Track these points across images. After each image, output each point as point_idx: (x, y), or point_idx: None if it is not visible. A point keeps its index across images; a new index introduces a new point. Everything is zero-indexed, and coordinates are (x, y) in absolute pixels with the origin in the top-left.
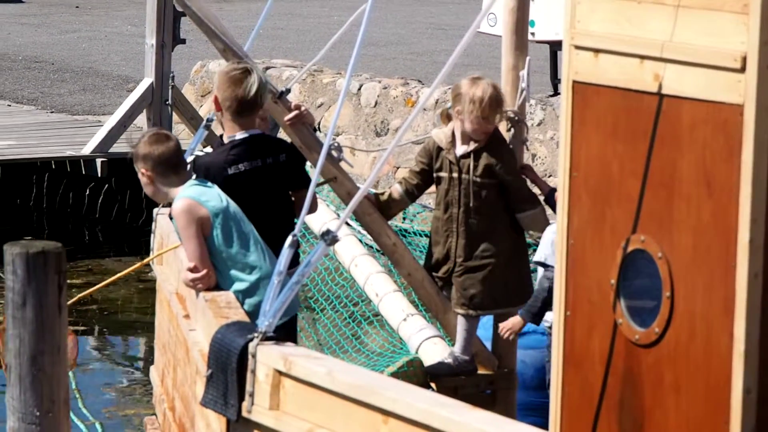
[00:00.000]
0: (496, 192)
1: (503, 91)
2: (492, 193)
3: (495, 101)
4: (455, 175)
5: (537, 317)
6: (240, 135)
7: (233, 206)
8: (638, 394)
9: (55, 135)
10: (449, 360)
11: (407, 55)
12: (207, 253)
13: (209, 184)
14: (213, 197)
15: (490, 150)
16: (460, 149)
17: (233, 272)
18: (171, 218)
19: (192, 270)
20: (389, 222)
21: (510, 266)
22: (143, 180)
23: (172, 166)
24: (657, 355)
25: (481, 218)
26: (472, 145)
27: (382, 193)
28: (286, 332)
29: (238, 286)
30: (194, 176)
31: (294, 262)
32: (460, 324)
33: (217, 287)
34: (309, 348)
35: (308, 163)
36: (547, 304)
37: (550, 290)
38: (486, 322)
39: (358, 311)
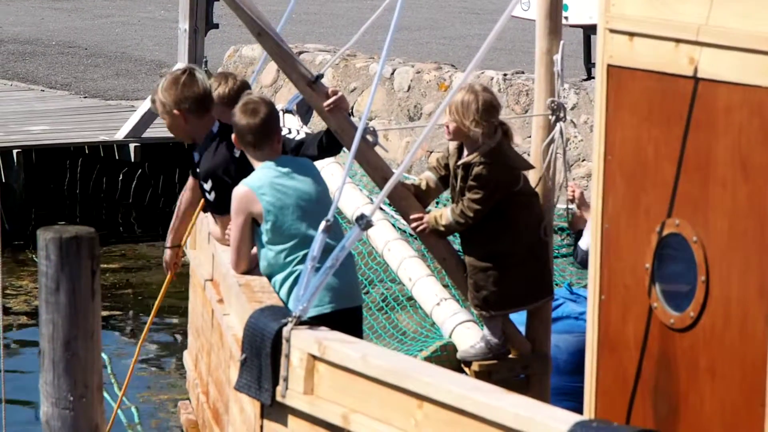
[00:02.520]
0: None
1: (538, 75)
2: None
3: (465, 106)
4: (454, 182)
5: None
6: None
7: (297, 201)
8: (673, 378)
9: (89, 120)
10: (481, 344)
11: (440, 39)
12: (246, 243)
13: (285, 167)
14: (273, 189)
15: (477, 167)
16: (462, 159)
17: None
18: None
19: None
20: (426, 209)
21: (523, 266)
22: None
23: (261, 138)
24: (692, 339)
25: (479, 225)
26: (466, 157)
27: (417, 185)
28: (354, 320)
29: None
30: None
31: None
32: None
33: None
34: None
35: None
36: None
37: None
38: None
39: (391, 295)
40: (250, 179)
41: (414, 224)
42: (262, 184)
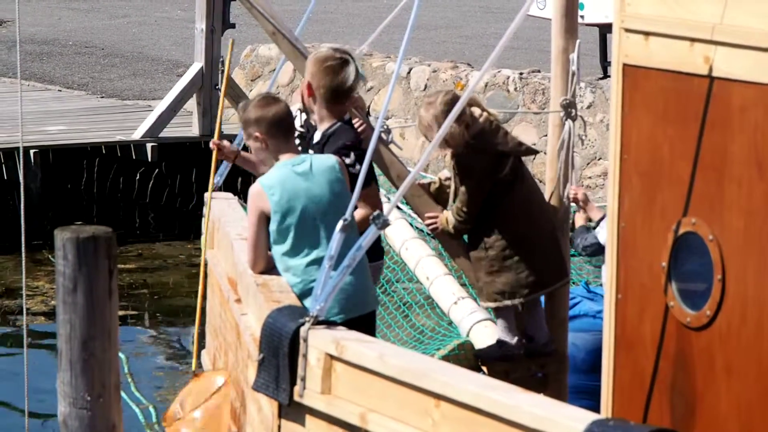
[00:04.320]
0: None
1: (554, 73)
2: None
3: (421, 122)
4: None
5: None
6: (336, 123)
7: (305, 205)
8: (690, 377)
9: (106, 120)
10: (496, 345)
11: (457, 38)
12: (263, 242)
13: (301, 166)
14: (283, 190)
15: (458, 156)
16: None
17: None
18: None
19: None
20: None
21: (517, 255)
22: (255, 145)
23: (285, 129)
24: (709, 337)
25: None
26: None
27: (432, 183)
28: (364, 327)
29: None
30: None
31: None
32: (495, 315)
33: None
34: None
35: None
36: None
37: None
38: None
39: (408, 294)
40: (264, 177)
41: (428, 222)
42: (273, 183)
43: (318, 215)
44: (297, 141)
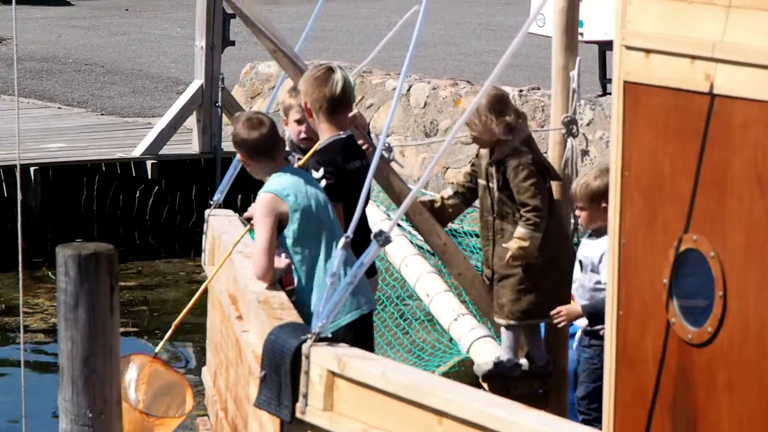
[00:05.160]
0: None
1: (554, 91)
2: (515, 203)
3: (486, 106)
4: (485, 183)
5: (594, 318)
6: (343, 134)
7: (316, 204)
8: (691, 393)
9: (106, 137)
10: (491, 362)
11: (456, 55)
12: (274, 247)
13: (297, 175)
14: (295, 191)
15: (510, 160)
16: (492, 157)
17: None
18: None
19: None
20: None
21: (545, 276)
22: (242, 161)
23: (265, 152)
24: (710, 354)
25: (512, 226)
26: (496, 154)
27: (434, 201)
28: (361, 330)
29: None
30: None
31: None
32: (502, 332)
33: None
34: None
35: None
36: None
37: None
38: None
39: (408, 311)
40: (270, 186)
41: (506, 261)
42: (283, 187)
43: (322, 220)
44: None
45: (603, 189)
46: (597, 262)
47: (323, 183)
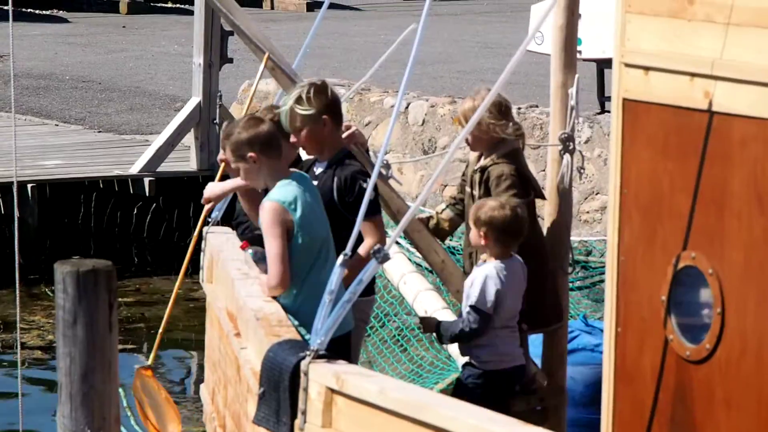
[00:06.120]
0: None
1: (553, 108)
2: None
3: (471, 110)
4: (470, 190)
5: (439, 336)
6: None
7: (317, 218)
8: (689, 410)
9: (103, 154)
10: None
11: (454, 73)
12: (287, 255)
13: (302, 185)
14: (302, 205)
15: (494, 168)
16: (477, 165)
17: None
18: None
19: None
20: (444, 242)
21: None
22: (246, 167)
23: (276, 147)
24: (708, 371)
25: None
26: (481, 161)
27: (431, 218)
28: (342, 347)
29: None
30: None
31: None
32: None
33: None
34: (358, 365)
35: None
36: (459, 339)
37: (467, 335)
38: (535, 339)
39: (407, 328)
40: (278, 196)
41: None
42: (291, 200)
43: (320, 233)
44: None
45: (485, 219)
46: (468, 285)
47: (369, 195)
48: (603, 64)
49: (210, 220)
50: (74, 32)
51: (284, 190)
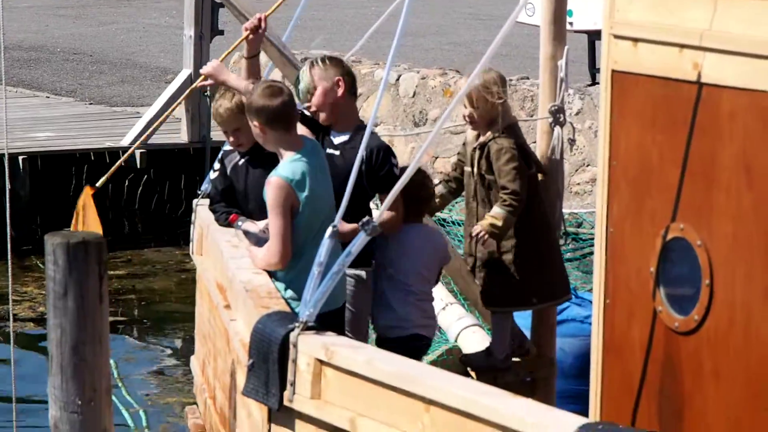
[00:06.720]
0: None
1: (542, 80)
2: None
3: (476, 87)
4: (470, 169)
5: None
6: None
7: (322, 195)
8: (678, 381)
9: (94, 126)
10: (484, 354)
11: (445, 45)
12: (290, 233)
13: (314, 157)
14: (311, 184)
15: (493, 143)
16: (476, 142)
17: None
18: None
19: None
20: (433, 216)
21: (528, 264)
22: (255, 131)
23: (286, 121)
24: (697, 342)
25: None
26: (481, 138)
27: None
28: (335, 320)
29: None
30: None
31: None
32: (492, 320)
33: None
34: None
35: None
36: None
37: None
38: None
39: None
40: (284, 171)
41: (475, 235)
42: (299, 178)
43: (324, 210)
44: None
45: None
46: None
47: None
48: (594, 36)
49: (200, 192)
50: (65, 4)
51: (293, 167)
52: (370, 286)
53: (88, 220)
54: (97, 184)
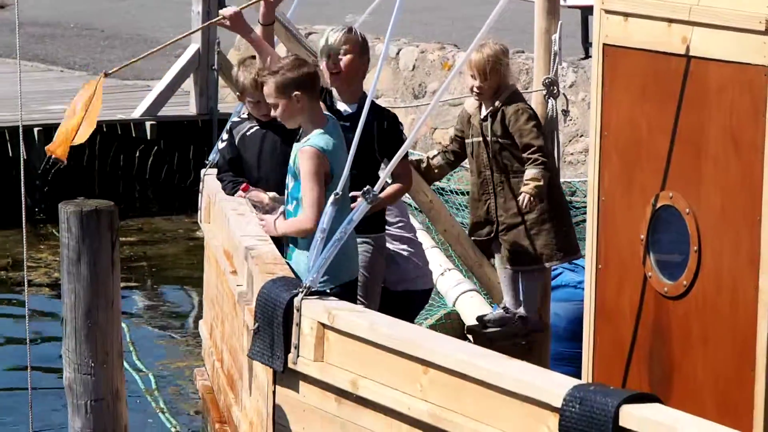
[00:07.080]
0: (518, 149)
1: (537, 54)
2: (516, 150)
3: (487, 60)
4: (480, 139)
5: None
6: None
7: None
8: (667, 345)
9: (106, 99)
10: (516, 320)
11: (444, 20)
12: (323, 204)
13: (339, 134)
14: (340, 156)
15: (507, 107)
16: (484, 112)
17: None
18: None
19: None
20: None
21: (551, 221)
22: (287, 104)
23: (318, 89)
24: (685, 307)
25: (513, 176)
26: (490, 107)
27: (421, 161)
28: (351, 291)
29: None
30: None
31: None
32: (522, 280)
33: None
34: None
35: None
36: None
37: None
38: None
39: None
40: (318, 142)
41: (525, 204)
42: (330, 148)
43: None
44: None
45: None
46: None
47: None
48: (587, 11)
49: (207, 162)
50: None
51: (324, 138)
52: (383, 250)
53: (93, 107)
54: (112, 71)
